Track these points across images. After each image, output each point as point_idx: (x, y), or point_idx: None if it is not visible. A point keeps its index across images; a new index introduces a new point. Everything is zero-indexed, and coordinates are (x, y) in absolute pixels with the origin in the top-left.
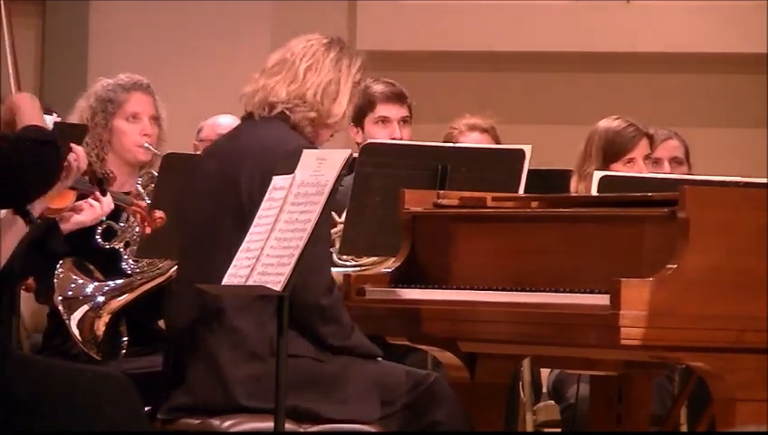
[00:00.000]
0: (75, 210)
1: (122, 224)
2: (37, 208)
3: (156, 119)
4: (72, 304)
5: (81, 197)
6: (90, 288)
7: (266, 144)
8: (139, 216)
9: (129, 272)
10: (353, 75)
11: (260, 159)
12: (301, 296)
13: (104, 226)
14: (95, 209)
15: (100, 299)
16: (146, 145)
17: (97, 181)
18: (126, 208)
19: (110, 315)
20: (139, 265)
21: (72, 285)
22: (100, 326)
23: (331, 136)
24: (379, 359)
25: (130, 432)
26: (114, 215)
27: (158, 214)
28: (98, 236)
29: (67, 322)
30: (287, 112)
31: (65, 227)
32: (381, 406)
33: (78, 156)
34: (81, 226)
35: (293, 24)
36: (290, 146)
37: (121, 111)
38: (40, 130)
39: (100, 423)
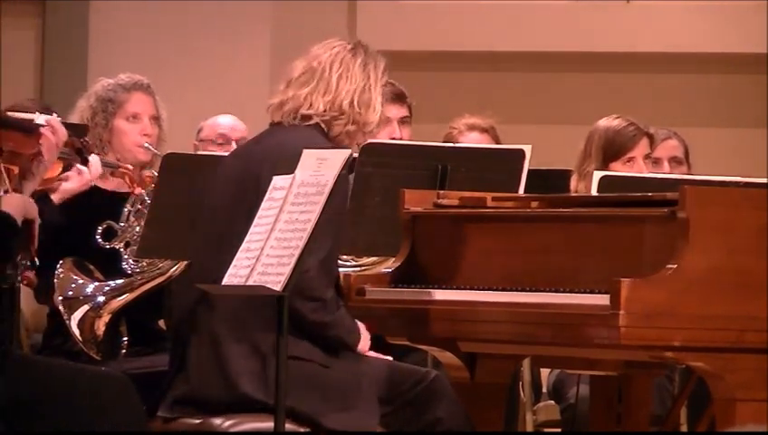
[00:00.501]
0: (63, 179)
1: (122, 224)
2: (28, 189)
3: (156, 119)
4: (72, 303)
5: (68, 167)
6: (90, 288)
7: (294, 147)
8: (127, 177)
9: (130, 272)
10: (380, 79)
11: (285, 161)
12: None
13: (104, 226)
14: (84, 175)
15: (101, 299)
16: (146, 145)
17: (76, 151)
18: (114, 172)
19: (110, 315)
20: (140, 265)
21: (73, 285)
22: (101, 326)
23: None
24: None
25: (130, 432)
26: (114, 215)
27: (147, 173)
28: (98, 237)
29: (67, 322)
30: (322, 125)
31: (56, 196)
32: (382, 404)
33: (54, 128)
34: (72, 193)
35: (293, 24)
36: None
37: (122, 111)
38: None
39: (100, 423)
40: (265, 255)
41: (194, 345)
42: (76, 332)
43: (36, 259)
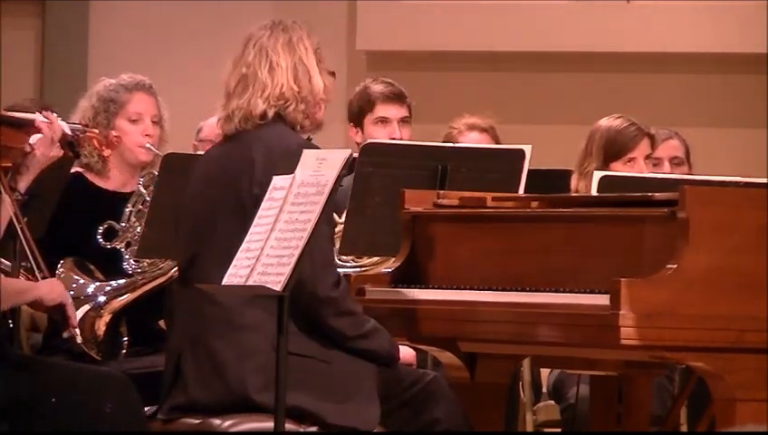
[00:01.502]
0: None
1: (123, 224)
2: (24, 183)
3: (158, 119)
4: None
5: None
6: (91, 288)
7: (267, 144)
8: (95, 140)
9: (131, 272)
10: (310, 47)
11: (261, 158)
12: (311, 290)
13: (105, 226)
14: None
15: (102, 299)
16: (147, 145)
17: (68, 144)
18: (81, 136)
19: (111, 315)
20: (141, 265)
21: (74, 285)
22: (101, 326)
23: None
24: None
25: (130, 432)
26: (115, 215)
27: (114, 133)
28: (99, 237)
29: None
30: (276, 116)
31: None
32: (380, 402)
33: (51, 121)
34: (49, 159)
35: None
36: (291, 145)
37: (123, 111)
38: None
39: (99, 423)
40: (265, 255)
41: (188, 351)
42: (76, 331)
43: (78, 334)
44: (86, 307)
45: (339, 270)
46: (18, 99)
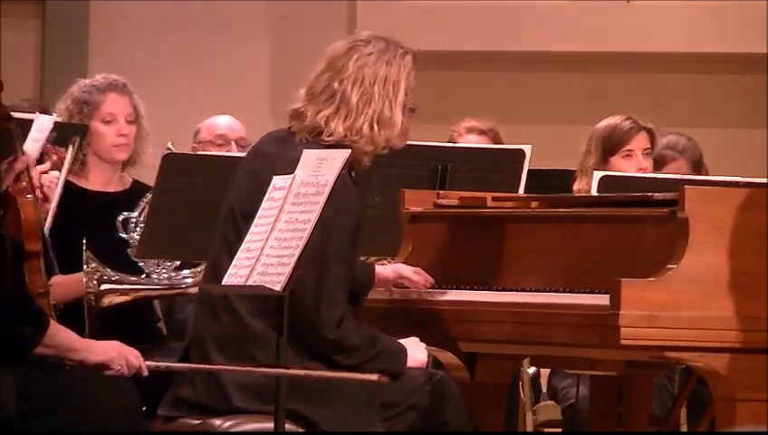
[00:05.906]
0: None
1: (134, 217)
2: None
3: (133, 118)
4: (108, 274)
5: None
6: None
7: None
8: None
9: (147, 271)
10: (403, 88)
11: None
12: (311, 327)
13: (122, 217)
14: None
15: (137, 286)
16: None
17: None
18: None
19: (129, 299)
20: (163, 270)
21: (115, 276)
22: (113, 300)
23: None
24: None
25: (130, 432)
26: (103, 213)
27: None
28: (119, 226)
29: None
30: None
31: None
32: (388, 406)
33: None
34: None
35: (293, 23)
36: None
37: (98, 112)
38: None
39: (99, 424)
40: (265, 255)
41: (195, 348)
42: (91, 288)
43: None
44: (117, 285)
45: None
46: (18, 99)
